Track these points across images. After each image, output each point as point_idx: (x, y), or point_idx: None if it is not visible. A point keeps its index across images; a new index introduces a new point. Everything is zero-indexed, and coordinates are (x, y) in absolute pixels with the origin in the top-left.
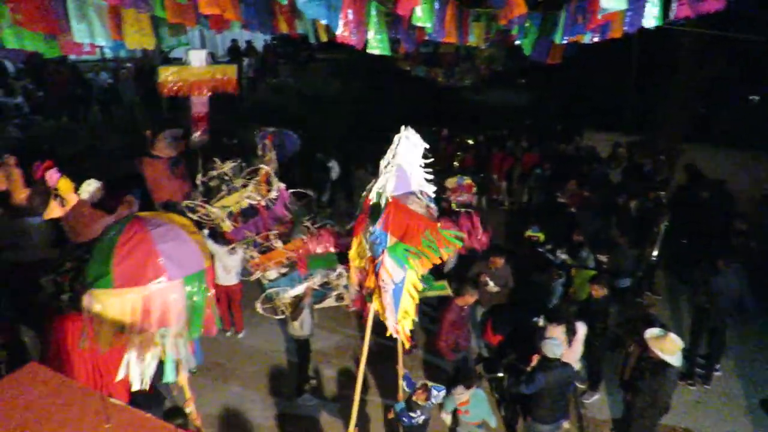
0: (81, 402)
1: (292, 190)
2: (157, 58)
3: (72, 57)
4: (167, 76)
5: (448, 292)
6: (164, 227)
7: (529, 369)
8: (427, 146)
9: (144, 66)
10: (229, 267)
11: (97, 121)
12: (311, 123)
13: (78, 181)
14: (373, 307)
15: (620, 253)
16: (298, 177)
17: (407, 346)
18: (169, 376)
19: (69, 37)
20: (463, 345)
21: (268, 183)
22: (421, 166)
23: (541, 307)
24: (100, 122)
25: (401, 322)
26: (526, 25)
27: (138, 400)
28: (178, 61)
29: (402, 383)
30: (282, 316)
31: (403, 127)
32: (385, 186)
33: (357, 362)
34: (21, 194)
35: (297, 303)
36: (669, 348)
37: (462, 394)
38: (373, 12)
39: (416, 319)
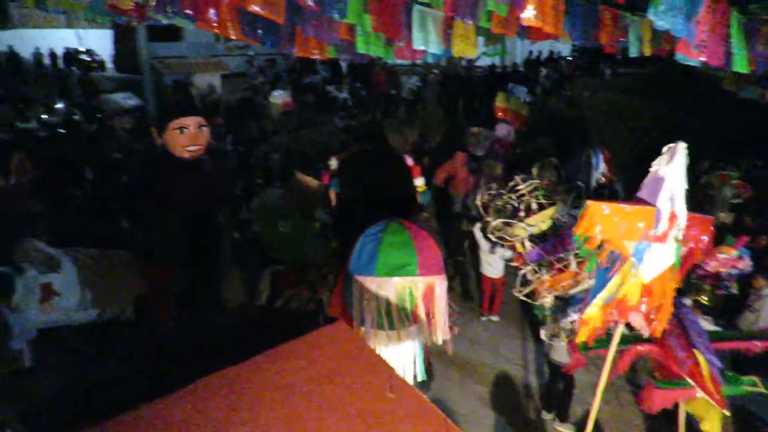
0: (372, 367)
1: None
2: (460, 66)
3: (389, 61)
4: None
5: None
6: (423, 233)
7: None
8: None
9: (449, 72)
10: (491, 262)
11: (401, 118)
12: (604, 140)
13: None
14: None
15: None
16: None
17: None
18: (421, 374)
19: (405, 43)
20: None
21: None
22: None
23: None
24: (404, 119)
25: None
26: None
27: None
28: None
29: None
30: (561, 341)
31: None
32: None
33: (619, 401)
34: None
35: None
36: None
37: None
38: (735, 24)
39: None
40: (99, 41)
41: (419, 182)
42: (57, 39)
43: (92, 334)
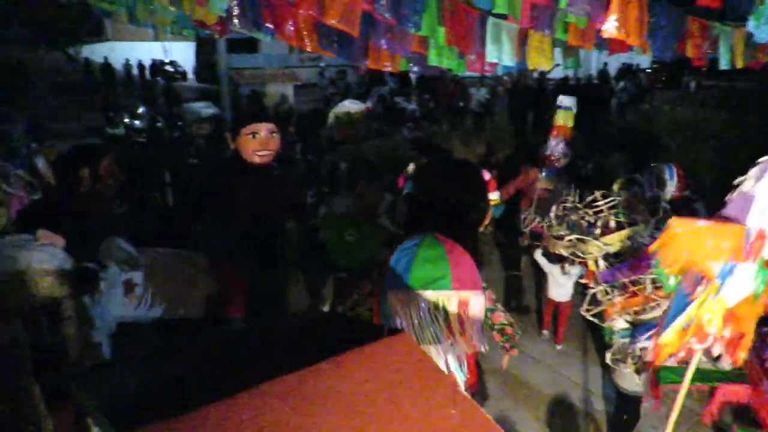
0: (436, 382)
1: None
2: (531, 78)
3: (459, 74)
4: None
5: None
6: (459, 248)
7: None
8: None
9: (519, 84)
10: (561, 284)
11: (469, 130)
12: (684, 158)
13: None
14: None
15: None
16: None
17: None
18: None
19: (477, 56)
20: None
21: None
22: None
23: None
24: (471, 130)
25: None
26: None
27: None
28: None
29: None
30: (628, 368)
31: None
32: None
33: None
34: None
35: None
36: None
37: None
38: None
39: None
40: (182, 53)
41: (494, 196)
42: (145, 51)
43: (166, 330)
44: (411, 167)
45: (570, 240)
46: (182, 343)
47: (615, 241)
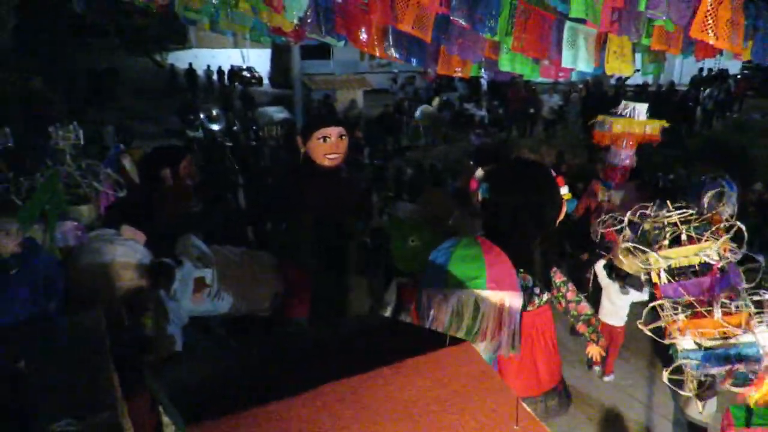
0: (497, 395)
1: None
2: (607, 84)
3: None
4: (606, 125)
5: None
6: (497, 250)
7: None
8: None
9: (594, 91)
10: (617, 305)
11: (538, 138)
12: None
13: None
14: None
15: None
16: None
17: None
18: None
19: (553, 62)
20: None
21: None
22: None
23: None
24: (542, 138)
25: None
26: None
27: None
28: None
29: None
30: (689, 393)
31: None
32: None
33: None
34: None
35: (711, 382)
36: None
37: None
38: None
39: None
40: (258, 59)
41: (564, 191)
42: (225, 57)
43: (233, 326)
44: (479, 172)
45: (627, 248)
46: (248, 339)
47: (679, 256)
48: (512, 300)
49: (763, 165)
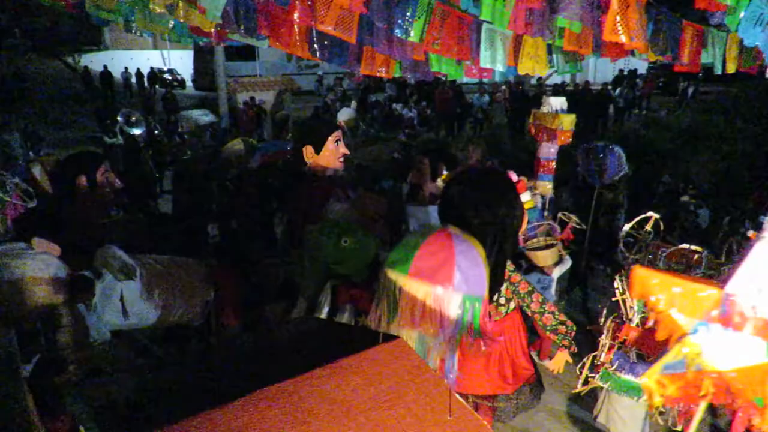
0: (431, 388)
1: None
2: (528, 84)
3: (457, 80)
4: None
5: None
6: (466, 245)
7: None
8: None
9: (517, 91)
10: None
11: (466, 137)
12: (681, 161)
13: None
14: None
15: None
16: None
17: None
18: None
19: (474, 62)
20: None
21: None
22: None
23: None
24: (469, 137)
25: None
26: None
27: None
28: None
29: None
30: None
31: None
32: None
33: None
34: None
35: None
36: None
37: None
38: None
39: None
40: (180, 61)
41: (526, 197)
42: (143, 59)
43: (161, 338)
44: (440, 182)
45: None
46: (177, 351)
47: (546, 257)
48: (443, 297)
49: (670, 158)
